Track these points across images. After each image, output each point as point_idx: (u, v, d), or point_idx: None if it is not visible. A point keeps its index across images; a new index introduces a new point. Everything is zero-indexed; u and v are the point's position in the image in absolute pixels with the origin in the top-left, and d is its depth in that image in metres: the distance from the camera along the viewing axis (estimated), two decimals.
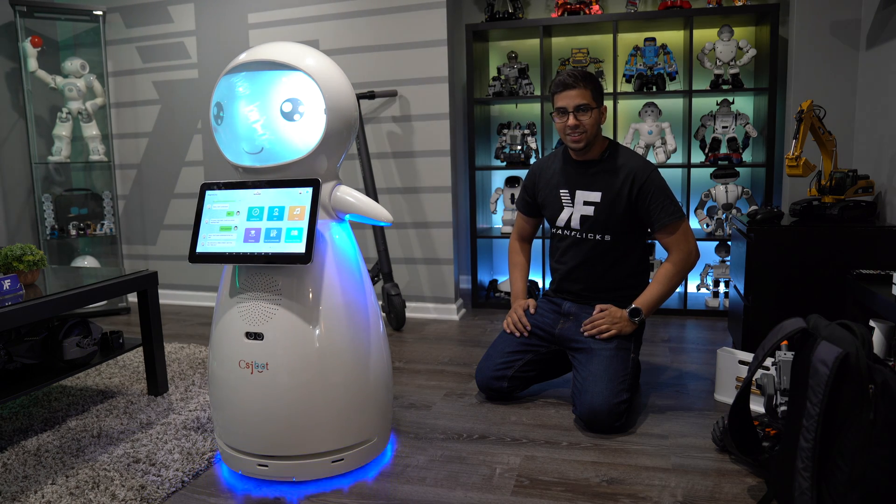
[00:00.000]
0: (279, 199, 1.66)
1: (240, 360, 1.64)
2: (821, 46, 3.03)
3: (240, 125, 1.66)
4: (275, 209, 1.65)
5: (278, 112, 1.62)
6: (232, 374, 1.66)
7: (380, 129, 3.43)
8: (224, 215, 1.69)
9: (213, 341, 1.73)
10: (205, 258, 1.68)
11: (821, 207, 2.48)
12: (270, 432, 1.65)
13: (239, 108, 1.65)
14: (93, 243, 3.91)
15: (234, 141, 1.68)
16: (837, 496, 1.32)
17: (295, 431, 1.65)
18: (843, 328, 1.38)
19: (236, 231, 1.67)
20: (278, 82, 1.63)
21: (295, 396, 1.64)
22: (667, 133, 3.47)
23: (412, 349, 2.91)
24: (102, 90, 3.71)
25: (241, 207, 1.68)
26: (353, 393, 1.70)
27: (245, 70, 1.65)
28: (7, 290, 1.93)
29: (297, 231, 1.61)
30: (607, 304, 2.15)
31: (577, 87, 2.07)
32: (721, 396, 2.21)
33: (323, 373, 1.65)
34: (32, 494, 1.65)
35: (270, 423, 1.64)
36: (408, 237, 3.47)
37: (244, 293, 1.66)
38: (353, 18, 3.38)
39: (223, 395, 1.71)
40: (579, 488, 1.65)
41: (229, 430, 1.72)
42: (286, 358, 1.62)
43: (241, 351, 1.64)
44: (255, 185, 1.69)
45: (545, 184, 2.28)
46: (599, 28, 3.50)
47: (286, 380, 1.63)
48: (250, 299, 1.65)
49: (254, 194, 1.68)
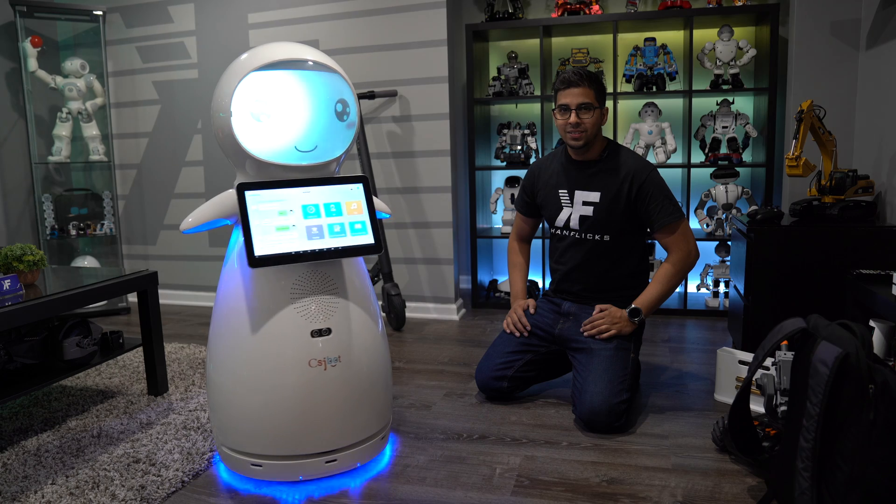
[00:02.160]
0: (332, 196, 1.70)
1: (310, 359, 1.63)
2: (821, 46, 3.03)
3: (295, 122, 1.69)
4: (331, 205, 1.69)
5: (332, 111, 1.69)
6: (302, 375, 1.62)
7: (380, 129, 3.43)
8: (276, 215, 1.63)
9: (260, 350, 1.63)
10: (268, 261, 1.59)
11: (821, 207, 2.48)
12: (337, 426, 1.68)
13: (290, 105, 1.67)
14: (93, 243, 3.91)
15: (280, 137, 1.67)
16: (837, 496, 1.32)
17: (362, 418, 1.73)
18: (843, 328, 1.38)
19: (296, 230, 1.64)
20: (322, 83, 1.69)
21: (365, 386, 1.72)
22: (667, 133, 3.47)
23: (412, 349, 2.91)
24: (102, 90, 3.71)
25: (293, 206, 1.65)
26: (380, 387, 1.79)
27: (281, 68, 1.65)
28: (7, 290, 1.93)
29: (361, 224, 1.71)
30: (607, 305, 2.15)
31: (581, 85, 2.07)
32: (721, 396, 2.21)
33: (384, 361, 1.81)
34: (32, 494, 1.65)
35: (340, 416, 1.68)
36: (408, 237, 3.47)
37: (297, 293, 1.64)
38: (353, 18, 3.38)
39: (276, 399, 1.62)
40: (579, 488, 1.65)
41: (281, 434, 1.64)
42: (358, 349, 1.70)
43: (311, 350, 1.63)
44: (302, 184, 1.68)
45: (544, 184, 2.28)
46: (599, 28, 3.50)
47: (360, 370, 1.70)
48: (307, 297, 1.65)
49: (303, 192, 1.67)
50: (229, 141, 1.62)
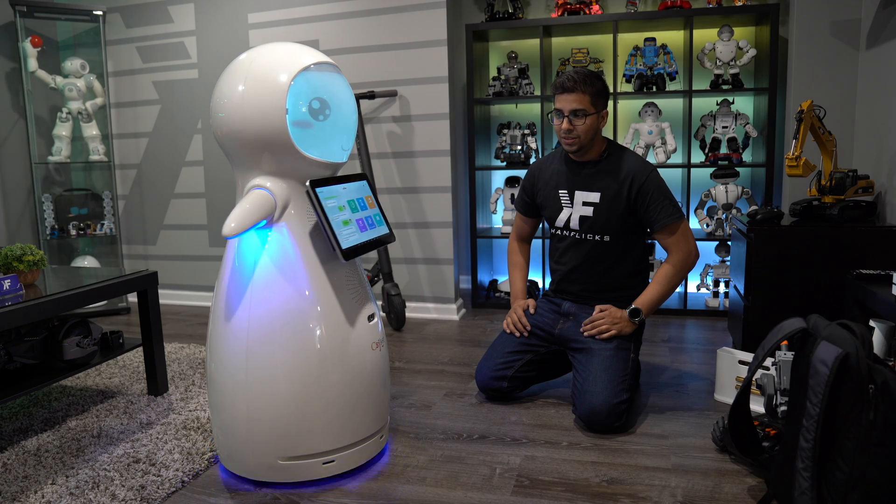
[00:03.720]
0: (358, 192, 1.81)
1: (371, 342, 1.74)
2: (821, 46, 3.04)
3: (348, 121, 1.74)
4: (360, 200, 1.80)
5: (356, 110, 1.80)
6: (366, 357, 1.73)
7: (380, 129, 3.43)
8: (337, 210, 1.69)
9: (333, 340, 1.66)
10: (354, 252, 1.69)
11: (821, 207, 2.48)
12: (383, 407, 1.81)
13: (344, 104, 1.72)
14: (93, 243, 3.91)
15: (331, 137, 1.70)
16: (837, 496, 1.32)
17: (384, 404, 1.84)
18: (843, 328, 1.38)
19: (353, 224, 1.74)
20: (344, 82, 1.75)
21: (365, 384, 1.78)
22: (667, 133, 3.47)
23: (412, 349, 2.91)
24: (102, 90, 3.71)
25: (342, 202, 1.73)
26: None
27: (328, 70, 1.69)
28: (7, 290, 1.93)
29: (378, 217, 1.85)
30: (607, 305, 2.15)
31: (575, 90, 2.06)
32: (721, 396, 2.21)
33: None
34: (32, 494, 1.65)
35: (385, 397, 1.82)
36: (408, 237, 3.47)
37: (344, 282, 1.72)
38: (353, 18, 3.38)
39: (344, 386, 1.68)
40: (579, 488, 1.65)
41: (352, 418, 1.71)
42: (382, 331, 1.82)
43: (372, 334, 1.75)
44: (345, 180, 1.76)
45: (544, 184, 2.28)
46: (599, 28, 3.50)
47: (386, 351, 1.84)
48: (353, 286, 1.74)
49: (342, 188, 1.74)
50: (280, 140, 1.57)
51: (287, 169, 1.64)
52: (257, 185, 1.62)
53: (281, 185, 1.63)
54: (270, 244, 1.64)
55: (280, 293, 1.63)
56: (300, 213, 1.66)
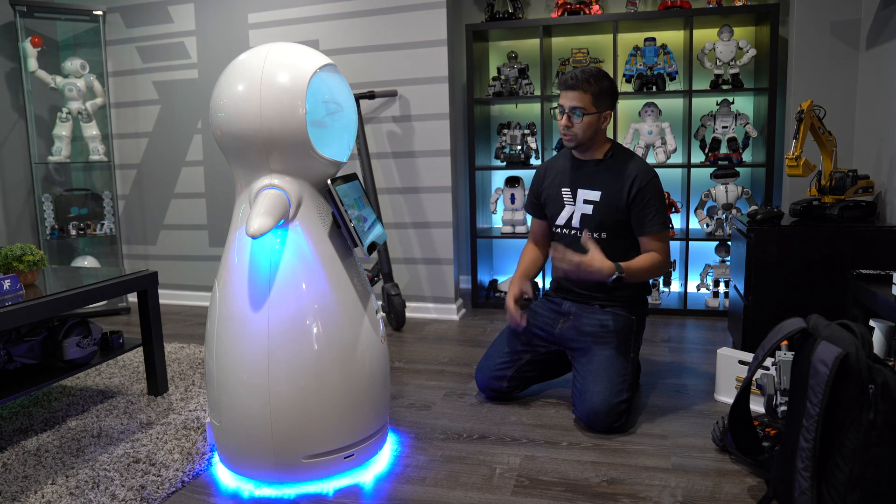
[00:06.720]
0: (357, 191, 1.83)
1: (380, 335, 1.80)
2: (821, 46, 3.04)
3: (352, 121, 1.76)
4: (359, 199, 1.83)
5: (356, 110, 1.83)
6: (378, 349, 1.77)
7: (380, 129, 3.43)
8: (350, 208, 1.74)
9: (350, 333, 1.68)
10: (374, 247, 1.79)
11: (821, 207, 2.48)
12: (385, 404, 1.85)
13: (347, 104, 1.73)
14: (93, 243, 3.91)
15: (340, 137, 1.71)
16: (837, 496, 1.32)
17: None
18: (843, 328, 1.38)
19: (366, 221, 1.80)
20: (345, 83, 1.77)
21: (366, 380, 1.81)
22: (667, 133, 3.47)
23: (412, 349, 2.91)
24: (102, 90, 3.71)
25: (352, 200, 1.76)
26: None
27: (332, 70, 1.71)
28: (7, 290, 1.93)
29: (373, 215, 1.90)
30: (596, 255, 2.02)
31: (577, 89, 2.07)
32: (721, 396, 2.21)
33: None
34: (32, 494, 1.65)
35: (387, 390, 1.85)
36: (408, 237, 3.47)
37: (354, 277, 1.75)
38: (353, 18, 3.38)
39: (363, 376, 1.71)
40: (579, 488, 1.65)
41: (371, 409, 1.74)
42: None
43: (379, 326, 1.80)
44: (346, 180, 1.78)
45: (550, 182, 2.29)
46: (599, 28, 3.50)
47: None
48: (360, 280, 1.78)
49: (348, 187, 1.77)
50: (297, 139, 1.57)
51: (297, 168, 1.63)
52: (268, 184, 1.60)
53: (292, 184, 1.63)
54: (287, 244, 1.63)
55: (301, 292, 1.62)
56: (312, 212, 1.67)
